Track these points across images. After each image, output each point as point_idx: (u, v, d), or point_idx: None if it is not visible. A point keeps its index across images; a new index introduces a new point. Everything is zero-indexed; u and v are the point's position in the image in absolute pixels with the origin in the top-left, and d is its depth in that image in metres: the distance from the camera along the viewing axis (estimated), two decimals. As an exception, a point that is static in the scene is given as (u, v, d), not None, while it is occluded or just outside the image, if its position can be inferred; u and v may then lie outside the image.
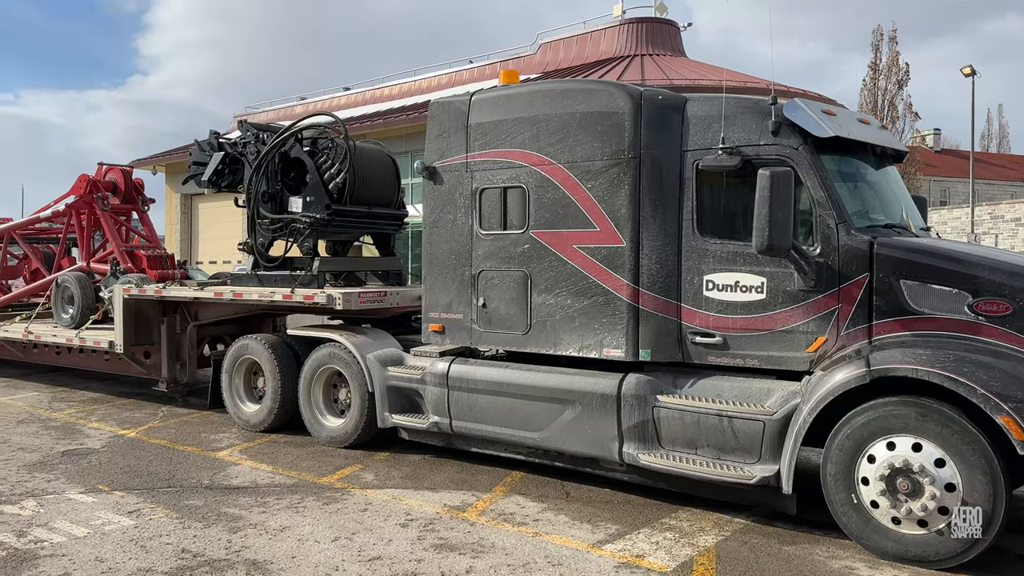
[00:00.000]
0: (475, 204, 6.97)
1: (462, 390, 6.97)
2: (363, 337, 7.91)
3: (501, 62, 28.69)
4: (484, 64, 29.50)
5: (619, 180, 6.16)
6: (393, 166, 9.61)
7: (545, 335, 6.57)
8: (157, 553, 5.14)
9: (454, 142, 7.11)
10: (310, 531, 5.55)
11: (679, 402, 5.90)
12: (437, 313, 7.28)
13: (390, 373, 7.54)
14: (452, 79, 29.30)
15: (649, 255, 6.08)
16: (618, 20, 28.51)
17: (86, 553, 5.13)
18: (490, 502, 6.24)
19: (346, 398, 7.99)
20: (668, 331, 6.07)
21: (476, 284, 6.96)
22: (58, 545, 5.27)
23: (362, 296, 7.99)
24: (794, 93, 21.46)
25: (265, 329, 10.32)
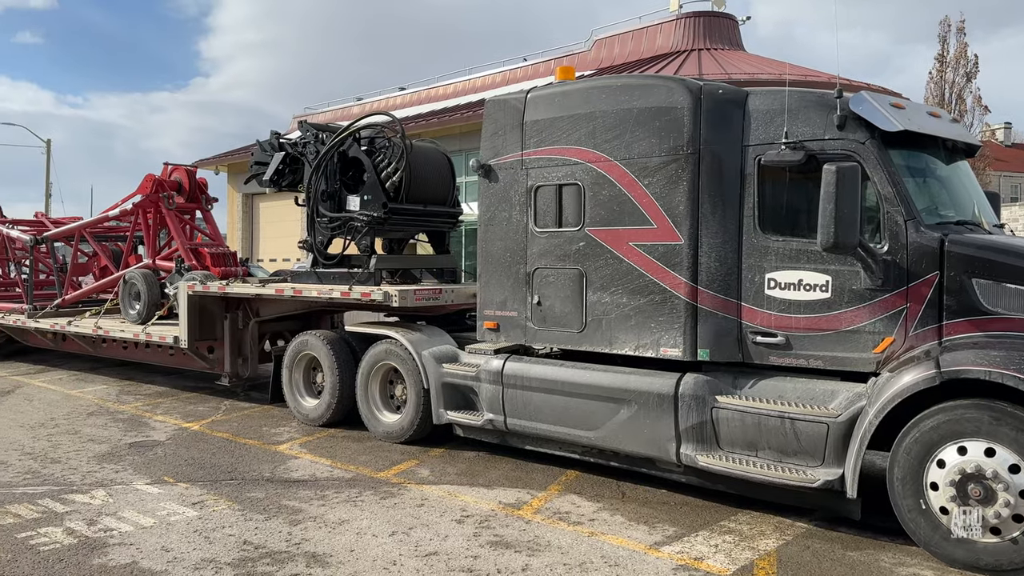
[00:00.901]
0: (530, 202, 6.95)
1: (517, 388, 6.97)
2: (418, 334, 7.97)
3: (555, 59, 28.61)
4: (538, 62, 29.46)
5: (677, 176, 6.07)
6: (448, 165, 9.65)
7: (600, 333, 6.52)
8: (220, 544, 5.26)
9: (509, 140, 7.11)
10: (368, 525, 5.62)
11: (739, 403, 5.79)
12: (492, 311, 7.29)
13: (445, 370, 7.58)
14: (506, 77, 29.33)
15: (708, 253, 5.98)
16: (674, 15, 28.15)
17: (152, 542, 5.28)
18: (545, 500, 6.22)
19: (402, 394, 8.07)
20: (728, 330, 5.96)
21: (531, 282, 6.94)
22: (126, 534, 5.44)
23: (418, 293, 8.05)
24: (857, 86, 20.90)
25: (323, 325, 10.48)
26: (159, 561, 4.96)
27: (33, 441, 8.17)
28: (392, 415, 8.18)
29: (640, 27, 28.65)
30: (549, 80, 17.38)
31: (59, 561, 4.96)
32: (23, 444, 8.03)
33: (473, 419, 7.35)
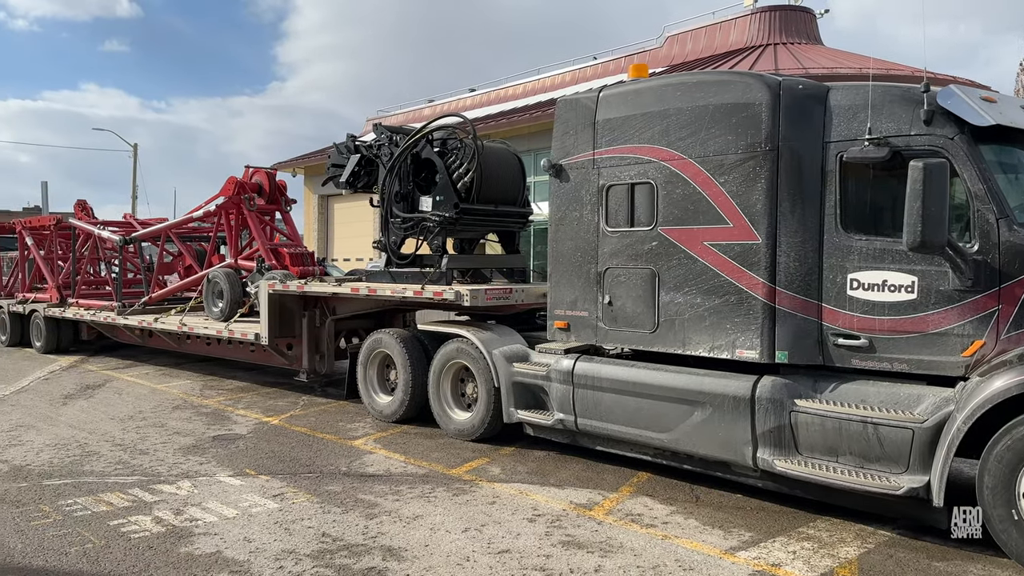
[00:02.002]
0: (601, 201, 6.91)
1: (587, 388, 6.95)
2: (489, 333, 8.02)
3: (626, 57, 28.35)
4: (608, 60, 29.25)
5: (755, 174, 5.95)
6: (518, 165, 9.69)
7: (673, 334, 6.44)
8: (300, 536, 5.41)
9: (581, 139, 7.09)
10: (441, 521, 5.69)
11: (819, 407, 5.63)
12: (562, 310, 7.29)
13: (515, 369, 7.61)
14: (576, 76, 29.22)
15: (787, 252, 5.84)
16: (749, 9, 27.54)
17: (235, 533, 5.47)
18: (617, 502, 6.18)
19: (473, 392, 8.14)
20: (807, 332, 5.81)
21: (602, 282, 6.91)
22: (210, 524, 5.65)
23: (488, 293, 8.10)
24: (944, 80, 20.08)
25: (396, 324, 10.67)
26: (241, 551, 5.14)
27: (123, 433, 8.56)
28: (463, 413, 8.26)
29: (713, 23, 28.14)
30: (619, 78, 17.31)
31: (148, 548, 5.18)
32: (113, 435, 8.42)
33: (543, 419, 7.36)
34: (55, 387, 11.60)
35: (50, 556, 5.05)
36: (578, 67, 30.50)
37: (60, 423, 9.03)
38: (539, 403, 7.54)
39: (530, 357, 7.70)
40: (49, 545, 5.23)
